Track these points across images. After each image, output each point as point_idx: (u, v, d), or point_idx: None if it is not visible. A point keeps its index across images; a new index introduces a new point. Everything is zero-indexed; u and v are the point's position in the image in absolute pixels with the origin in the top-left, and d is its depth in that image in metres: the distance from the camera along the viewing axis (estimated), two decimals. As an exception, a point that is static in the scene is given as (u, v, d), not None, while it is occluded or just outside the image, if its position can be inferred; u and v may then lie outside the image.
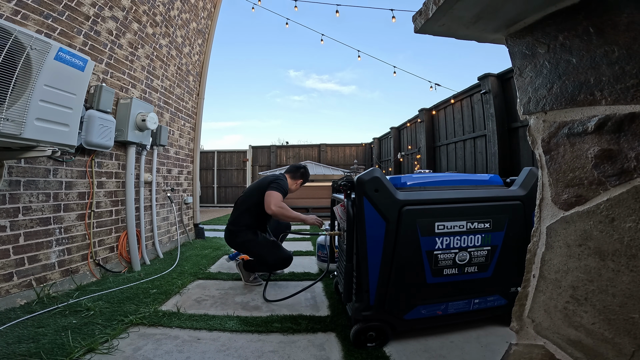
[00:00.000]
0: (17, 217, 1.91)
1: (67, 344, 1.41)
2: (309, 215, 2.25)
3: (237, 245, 2.39)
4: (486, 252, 1.51)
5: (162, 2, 3.35)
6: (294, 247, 3.72)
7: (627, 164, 0.50)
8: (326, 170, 7.61)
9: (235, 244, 2.38)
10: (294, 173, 2.55)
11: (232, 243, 2.41)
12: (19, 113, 1.42)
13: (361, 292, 1.45)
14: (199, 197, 4.55)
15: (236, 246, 2.41)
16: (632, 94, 0.49)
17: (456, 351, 1.41)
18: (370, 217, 1.40)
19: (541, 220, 0.67)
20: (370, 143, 10.53)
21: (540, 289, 0.67)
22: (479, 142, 4.81)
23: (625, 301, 0.51)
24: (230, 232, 2.39)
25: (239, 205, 2.48)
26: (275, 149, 10.87)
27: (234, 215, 2.44)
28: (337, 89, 62.78)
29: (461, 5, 0.64)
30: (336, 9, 5.61)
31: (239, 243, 2.35)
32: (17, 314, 1.72)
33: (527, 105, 0.69)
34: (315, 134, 44.12)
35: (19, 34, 1.39)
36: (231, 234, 2.38)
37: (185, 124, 4.16)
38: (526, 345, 0.68)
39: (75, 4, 2.22)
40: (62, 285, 2.16)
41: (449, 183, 1.61)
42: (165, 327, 1.66)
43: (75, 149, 2.26)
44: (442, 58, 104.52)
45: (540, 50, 0.65)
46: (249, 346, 1.48)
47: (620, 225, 0.51)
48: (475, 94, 4.86)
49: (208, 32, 4.69)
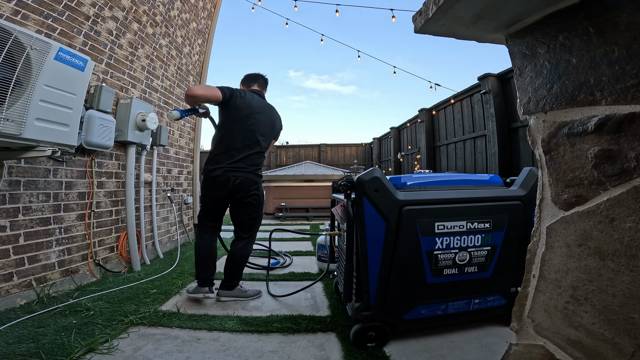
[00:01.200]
0: (17, 217, 1.91)
1: (67, 344, 1.41)
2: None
3: (250, 198, 1.99)
4: (486, 252, 1.51)
5: (162, 2, 3.35)
6: (294, 247, 3.71)
7: (627, 164, 0.50)
8: (326, 170, 7.61)
9: (249, 195, 1.99)
10: (247, 82, 2.22)
11: (246, 193, 1.97)
12: (19, 113, 1.42)
13: (361, 292, 1.45)
14: (199, 197, 4.55)
15: (249, 200, 1.99)
16: (632, 94, 0.49)
17: (456, 351, 1.41)
18: (370, 217, 1.40)
19: (541, 220, 0.67)
20: (370, 143, 10.53)
21: (540, 289, 0.67)
22: (479, 142, 4.81)
23: (625, 301, 0.51)
24: (252, 176, 1.99)
25: (258, 132, 2.03)
26: (275, 149, 10.87)
27: (250, 150, 2.00)
28: (337, 89, 62.90)
29: (461, 5, 0.64)
30: (336, 9, 5.61)
31: (254, 196, 2.01)
32: (17, 314, 1.71)
33: (527, 105, 0.69)
34: (315, 134, 44.21)
35: (19, 34, 1.39)
36: (252, 181, 1.99)
37: (185, 124, 4.16)
38: (526, 345, 0.68)
39: (75, 4, 2.22)
40: (62, 285, 2.16)
41: (449, 183, 1.61)
42: (165, 327, 1.66)
43: (75, 149, 2.26)
44: (442, 58, 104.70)
45: (540, 50, 0.65)
46: (249, 346, 1.48)
47: (620, 225, 0.51)
48: (475, 94, 4.86)
49: (208, 32, 4.69)
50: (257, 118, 2.03)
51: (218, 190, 1.97)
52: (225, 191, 1.96)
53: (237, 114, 1.98)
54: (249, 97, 2.04)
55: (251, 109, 2.02)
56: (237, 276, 2.06)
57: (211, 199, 2.01)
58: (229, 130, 1.98)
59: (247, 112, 2.00)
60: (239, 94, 2.00)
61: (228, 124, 1.99)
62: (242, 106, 1.99)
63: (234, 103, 1.97)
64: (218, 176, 1.94)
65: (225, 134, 1.99)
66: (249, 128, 2.00)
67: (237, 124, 1.98)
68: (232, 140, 1.97)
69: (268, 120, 2.10)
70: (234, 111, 1.98)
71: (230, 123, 1.98)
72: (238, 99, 1.98)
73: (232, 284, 2.05)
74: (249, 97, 2.04)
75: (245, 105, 2.00)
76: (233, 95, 1.96)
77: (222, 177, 1.94)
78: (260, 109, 2.07)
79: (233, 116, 1.98)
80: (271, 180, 7.13)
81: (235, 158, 1.96)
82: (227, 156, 1.96)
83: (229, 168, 1.95)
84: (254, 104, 2.04)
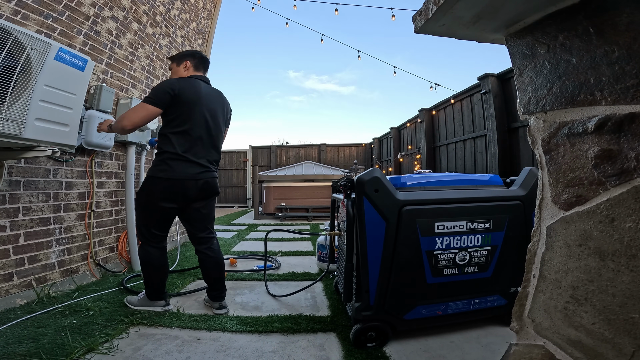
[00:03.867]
0: (17, 217, 1.91)
1: (67, 344, 1.41)
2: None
3: (216, 190, 1.92)
4: (486, 252, 1.51)
5: (162, 2, 3.35)
6: (294, 247, 3.71)
7: (627, 164, 0.50)
8: (326, 170, 7.61)
9: (216, 191, 1.92)
10: (179, 59, 1.94)
11: (214, 191, 1.90)
12: (19, 113, 1.42)
13: (361, 292, 1.45)
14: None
15: (214, 195, 1.93)
16: (632, 94, 0.49)
17: (456, 351, 1.41)
18: (370, 217, 1.40)
19: (541, 220, 0.67)
20: (370, 143, 10.53)
21: (540, 289, 0.67)
22: (479, 142, 4.81)
23: (625, 301, 0.51)
24: (214, 178, 1.90)
25: (216, 129, 1.89)
26: (275, 149, 10.87)
27: (214, 147, 1.89)
28: (337, 89, 62.90)
29: (461, 5, 0.64)
30: (335, 8, 5.61)
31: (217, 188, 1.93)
32: (17, 314, 1.71)
33: (527, 105, 0.69)
34: (315, 134, 44.11)
35: (19, 34, 1.39)
36: (215, 180, 1.91)
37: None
38: (526, 345, 0.68)
39: (75, 4, 2.22)
40: (62, 285, 2.16)
41: (449, 183, 1.61)
42: (165, 327, 1.66)
43: (75, 149, 2.26)
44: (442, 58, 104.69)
45: (540, 50, 0.65)
46: (249, 346, 1.48)
47: (620, 225, 0.51)
48: (475, 94, 4.86)
49: (208, 32, 4.69)
50: (209, 109, 1.84)
51: (188, 193, 1.77)
52: (194, 192, 1.79)
53: (186, 110, 1.76)
54: (196, 87, 1.81)
55: (201, 100, 1.80)
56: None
57: (176, 203, 1.78)
58: (184, 128, 1.76)
59: (198, 105, 1.79)
60: (180, 89, 1.74)
61: (180, 123, 1.76)
62: (189, 99, 1.76)
63: (178, 102, 1.74)
64: (188, 179, 1.75)
65: (180, 133, 1.76)
66: (204, 121, 1.81)
67: (190, 121, 1.77)
68: (191, 137, 1.77)
69: (220, 110, 1.93)
70: (181, 109, 1.75)
71: (181, 121, 1.76)
72: (183, 96, 1.74)
73: (224, 291, 1.93)
74: (195, 86, 1.81)
75: (194, 97, 1.78)
76: (174, 96, 1.73)
77: (196, 178, 1.77)
78: (209, 98, 1.87)
79: (184, 113, 1.76)
80: (271, 180, 7.13)
81: (200, 155, 1.80)
82: (193, 154, 1.77)
83: (202, 168, 1.80)
84: (202, 94, 1.82)
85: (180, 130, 1.75)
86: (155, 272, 1.82)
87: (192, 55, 1.94)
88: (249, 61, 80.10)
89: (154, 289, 1.84)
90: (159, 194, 1.73)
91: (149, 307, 1.85)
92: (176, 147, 1.74)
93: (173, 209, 1.79)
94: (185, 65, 1.91)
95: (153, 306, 1.85)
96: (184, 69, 1.91)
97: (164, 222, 1.82)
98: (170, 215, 1.82)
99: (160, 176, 1.73)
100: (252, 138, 53.76)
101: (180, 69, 1.92)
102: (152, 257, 1.80)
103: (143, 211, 1.81)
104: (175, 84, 1.75)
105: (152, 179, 1.75)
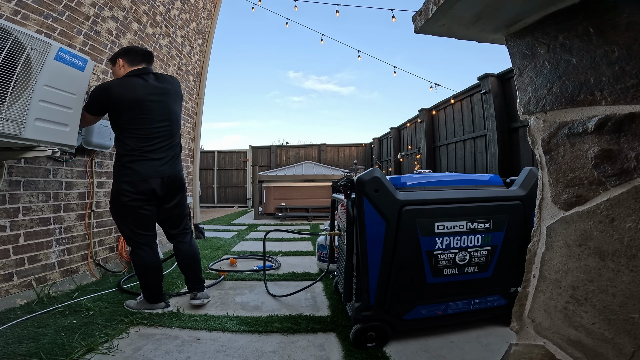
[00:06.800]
0: (17, 217, 1.91)
1: (67, 344, 1.41)
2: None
3: (185, 215, 2.00)
4: (486, 252, 1.51)
5: (162, 2, 3.35)
6: (294, 247, 3.71)
7: (627, 164, 0.50)
8: (326, 170, 7.61)
9: (184, 187, 1.96)
10: (113, 60, 1.91)
11: (181, 185, 1.93)
12: (19, 113, 1.42)
13: (361, 292, 1.45)
14: (199, 197, 4.55)
15: (184, 191, 1.96)
16: (632, 94, 0.49)
17: (456, 351, 1.41)
18: (370, 217, 1.40)
19: (541, 220, 0.67)
20: (370, 143, 10.53)
21: (540, 289, 0.67)
22: (479, 142, 4.81)
23: (625, 301, 0.51)
24: (179, 172, 1.91)
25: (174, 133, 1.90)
26: (275, 149, 10.87)
27: (171, 138, 1.87)
28: (336, 90, 62.85)
29: (461, 5, 0.64)
30: (336, 9, 5.62)
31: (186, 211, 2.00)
32: (17, 314, 1.71)
33: (527, 105, 0.69)
34: (315, 135, 44.13)
35: (19, 34, 1.39)
36: (180, 174, 1.92)
37: (185, 124, 4.16)
38: (526, 345, 0.68)
39: (75, 4, 2.22)
40: (62, 285, 2.16)
41: (449, 183, 1.61)
42: (165, 327, 1.65)
43: (75, 149, 2.26)
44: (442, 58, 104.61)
45: (540, 50, 0.65)
46: (249, 346, 1.48)
47: (620, 225, 0.51)
48: (475, 94, 4.86)
49: (208, 32, 4.69)
50: (155, 101, 1.80)
51: (156, 190, 1.79)
52: (162, 189, 1.81)
53: (131, 110, 1.75)
54: (132, 85, 1.77)
55: (143, 96, 1.77)
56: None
57: (148, 202, 1.80)
58: (136, 126, 1.76)
59: (142, 102, 1.76)
60: (118, 95, 1.72)
61: (129, 125, 1.76)
62: (131, 99, 1.73)
63: (118, 107, 1.74)
64: (152, 177, 1.76)
65: (133, 133, 1.76)
66: (155, 116, 1.79)
67: (138, 119, 1.76)
68: (146, 134, 1.77)
69: (168, 97, 1.88)
70: (126, 113, 1.75)
71: (129, 122, 1.76)
72: (121, 100, 1.73)
73: (203, 282, 2.01)
74: (131, 84, 1.77)
75: (134, 96, 1.74)
76: (109, 103, 1.73)
77: (161, 175, 1.79)
78: (152, 90, 1.82)
79: (130, 114, 1.75)
80: (271, 180, 7.13)
81: (159, 151, 1.80)
82: (151, 152, 1.78)
83: (163, 163, 1.81)
84: (143, 89, 1.78)
85: (132, 131, 1.76)
86: (150, 274, 1.83)
87: (125, 53, 1.89)
88: (249, 61, 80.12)
89: (152, 292, 1.85)
90: (128, 199, 1.75)
91: (149, 309, 1.86)
92: (133, 149, 1.75)
93: (148, 207, 1.82)
94: (120, 63, 1.88)
95: (153, 308, 1.86)
96: (120, 68, 1.88)
97: (145, 222, 1.83)
98: (148, 213, 1.83)
99: (125, 180, 1.74)
100: (252, 138, 53.68)
101: (116, 69, 1.90)
102: (145, 259, 1.81)
103: (121, 220, 1.83)
104: (107, 91, 1.74)
105: (118, 187, 1.77)
